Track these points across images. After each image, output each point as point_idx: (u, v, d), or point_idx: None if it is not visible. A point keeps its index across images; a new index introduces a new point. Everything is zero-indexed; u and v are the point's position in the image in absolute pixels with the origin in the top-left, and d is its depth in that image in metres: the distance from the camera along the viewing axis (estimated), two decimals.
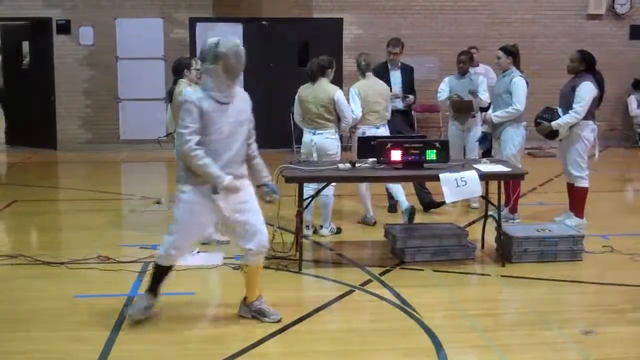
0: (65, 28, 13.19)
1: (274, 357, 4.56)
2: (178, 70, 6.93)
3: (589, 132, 7.32)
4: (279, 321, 4.94)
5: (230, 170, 4.69)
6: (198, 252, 6.56)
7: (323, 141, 7.05)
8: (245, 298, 5.06)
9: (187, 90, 4.78)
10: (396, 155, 6.20)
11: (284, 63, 13.02)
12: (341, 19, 13.51)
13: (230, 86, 4.71)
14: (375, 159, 6.37)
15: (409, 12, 13.56)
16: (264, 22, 13.35)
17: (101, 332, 4.75)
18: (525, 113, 7.64)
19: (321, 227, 7.26)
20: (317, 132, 7.06)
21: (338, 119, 7.12)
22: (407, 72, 8.25)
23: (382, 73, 8.23)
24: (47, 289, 5.68)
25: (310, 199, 6.67)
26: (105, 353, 4.46)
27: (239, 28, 13.34)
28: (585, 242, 6.45)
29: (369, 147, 6.53)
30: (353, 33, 13.56)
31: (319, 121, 7.04)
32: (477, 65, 10.89)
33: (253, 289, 5.03)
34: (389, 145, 6.22)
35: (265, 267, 6.12)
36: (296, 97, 7.26)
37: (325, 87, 7.04)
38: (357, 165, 6.37)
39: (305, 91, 7.12)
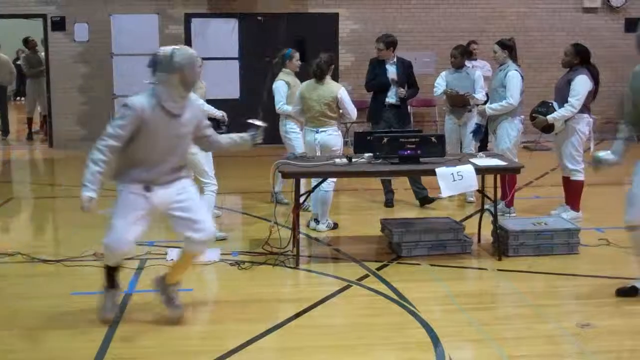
0: (60, 24, 13.16)
1: (271, 353, 4.56)
2: None
3: (585, 125, 7.33)
4: (179, 314, 4.89)
5: (159, 179, 4.64)
6: None
7: (327, 138, 7.08)
8: (165, 276, 4.98)
9: (135, 97, 4.61)
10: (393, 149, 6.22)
11: None
12: (337, 14, 13.50)
13: (184, 97, 4.64)
14: (371, 154, 6.37)
15: (404, 6, 13.55)
16: (259, 17, 13.32)
17: (99, 329, 4.75)
18: (521, 107, 7.65)
19: (316, 221, 7.27)
20: (320, 129, 7.08)
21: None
22: (403, 67, 8.21)
23: (377, 67, 8.21)
24: (45, 287, 5.68)
25: (307, 194, 6.68)
26: (103, 350, 4.47)
27: (234, 23, 13.33)
28: (581, 235, 6.46)
29: (366, 141, 6.53)
30: (349, 28, 13.54)
31: (322, 119, 7.08)
32: (476, 60, 10.91)
33: (178, 273, 4.97)
34: (385, 140, 6.23)
35: (263, 263, 6.15)
36: (297, 94, 7.26)
37: (329, 86, 7.09)
38: (353, 160, 6.38)
39: (308, 89, 7.13)
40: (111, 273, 4.91)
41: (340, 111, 7.14)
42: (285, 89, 7.90)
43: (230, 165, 8.48)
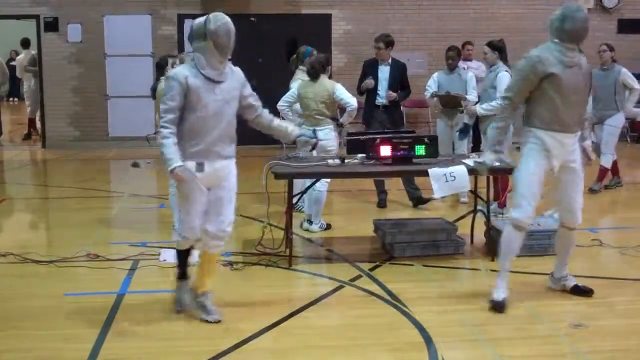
0: (53, 25, 13.14)
1: (264, 353, 4.56)
2: (161, 66, 6.93)
3: None
4: (218, 322, 4.86)
5: (215, 149, 4.69)
6: None
7: (324, 138, 7.07)
8: (197, 287, 5.01)
9: (177, 67, 4.81)
10: (385, 150, 6.21)
11: (273, 59, 13.01)
12: (330, 15, 13.51)
13: (222, 63, 4.71)
14: (364, 155, 6.38)
15: (397, 7, 13.58)
16: (252, 18, 13.33)
17: (92, 330, 4.74)
18: None
19: (309, 222, 7.27)
20: (318, 129, 7.07)
21: (340, 114, 7.27)
22: (397, 69, 8.23)
23: (370, 67, 8.24)
24: (37, 288, 5.66)
25: (300, 195, 6.68)
26: (96, 351, 4.45)
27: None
28: None
29: (359, 143, 6.54)
30: (342, 28, 13.56)
31: (318, 117, 7.14)
32: (471, 61, 10.94)
33: (202, 278, 4.98)
34: (378, 141, 6.23)
35: (256, 264, 6.15)
36: (295, 93, 7.34)
37: (324, 84, 7.16)
38: (346, 161, 6.38)
39: (305, 88, 7.21)
40: (183, 261, 5.02)
41: (340, 103, 7.16)
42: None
43: None
